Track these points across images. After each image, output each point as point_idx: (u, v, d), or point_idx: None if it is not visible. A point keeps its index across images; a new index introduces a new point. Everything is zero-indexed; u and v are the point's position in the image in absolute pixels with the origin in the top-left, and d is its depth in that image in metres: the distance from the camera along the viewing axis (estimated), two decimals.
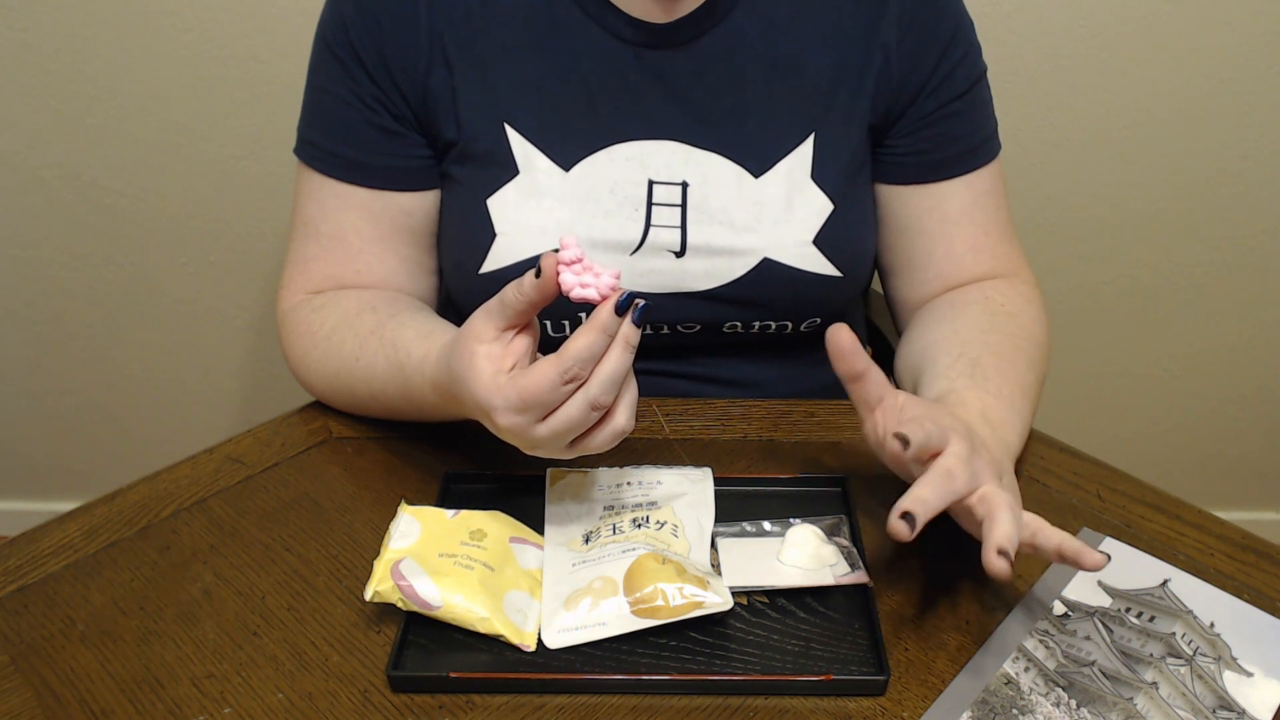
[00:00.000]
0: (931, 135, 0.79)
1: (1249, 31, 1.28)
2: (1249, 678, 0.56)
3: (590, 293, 0.54)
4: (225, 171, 1.39)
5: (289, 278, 0.81)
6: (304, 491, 0.70)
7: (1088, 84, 1.32)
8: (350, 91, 0.76)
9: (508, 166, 0.75)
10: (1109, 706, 0.54)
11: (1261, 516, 1.71)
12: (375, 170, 0.77)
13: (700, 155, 0.76)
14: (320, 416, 0.78)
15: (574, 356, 0.53)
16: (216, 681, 0.56)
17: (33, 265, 1.47)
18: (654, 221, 0.76)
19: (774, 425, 0.78)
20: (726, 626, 0.59)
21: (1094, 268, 1.47)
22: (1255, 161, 1.37)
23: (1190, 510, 0.69)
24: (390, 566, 0.57)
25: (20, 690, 0.55)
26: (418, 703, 0.54)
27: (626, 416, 0.57)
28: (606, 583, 0.59)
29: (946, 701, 0.54)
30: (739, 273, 0.77)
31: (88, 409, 1.61)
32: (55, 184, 1.40)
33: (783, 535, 0.63)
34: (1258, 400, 1.59)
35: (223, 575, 0.63)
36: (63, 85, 1.32)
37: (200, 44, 1.30)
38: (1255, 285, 1.48)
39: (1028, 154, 1.37)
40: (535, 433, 0.55)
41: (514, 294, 0.55)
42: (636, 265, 0.76)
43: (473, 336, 0.57)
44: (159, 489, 0.70)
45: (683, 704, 0.55)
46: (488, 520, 0.63)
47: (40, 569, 0.64)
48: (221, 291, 1.50)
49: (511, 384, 0.54)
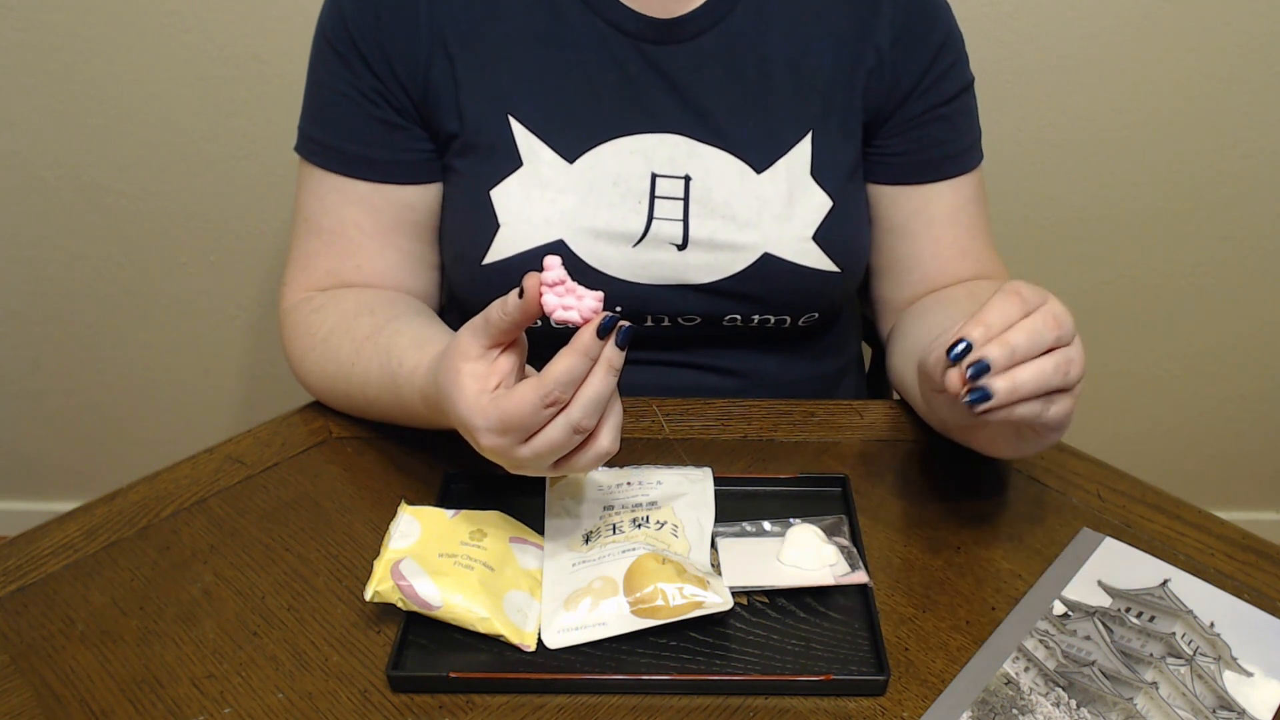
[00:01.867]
0: (918, 137, 0.81)
1: (1249, 31, 1.28)
2: (1249, 678, 0.56)
3: (572, 315, 0.54)
4: (225, 171, 1.39)
5: (290, 275, 0.81)
6: (304, 491, 0.70)
7: (1087, 84, 1.32)
8: (351, 86, 0.76)
9: (511, 158, 0.76)
10: (1109, 706, 0.54)
11: (1261, 516, 1.71)
12: (376, 164, 0.77)
13: (703, 150, 0.77)
14: (320, 416, 0.78)
15: (555, 380, 0.53)
16: (216, 681, 0.56)
17: (33, 265, 1.47)
18: (657, 214, 0.76)
19: (774, 425, 0.78)
20: (726, 626, 0.59)
21: (1094, 268, 1.47)
22: (1255, 161, 1.37)
23: (1190, 510, 0.69)
24: (390, 566, 0.57)
25: (20, 690, 0.55)
26: (418, 703, 0.54)
27: (610, 439, 0.57)
28: (606, 583, 0.59)
29: (946, 701, 0.54)
30: (739, 267, 0.77)
31: (88, 409, 1.61)
32: (55, 184, 1.40)
33: (783, 535, 0.63)
34: (1258, 400, 1.59)
35: (223, 575, 0.63)
36: (63, 85, 1.32)
37: (200, 44, 1.30)
38: (1255, 285, 1.48)
39: (1028, 154, 1.37)
40: (517, 454, 0.55)
41: (498, 313, 0.54)
42: (639, 257, 0.77)
43: (459, 354, 0.57)
44: (159, 489, 0.70)
45: (683, 704, 0.55)
46: (488, 520, 0.63)
47: (40, 569, 0.64)
48: (221, 291, 1.50)
49: (494, 405, 0.54)
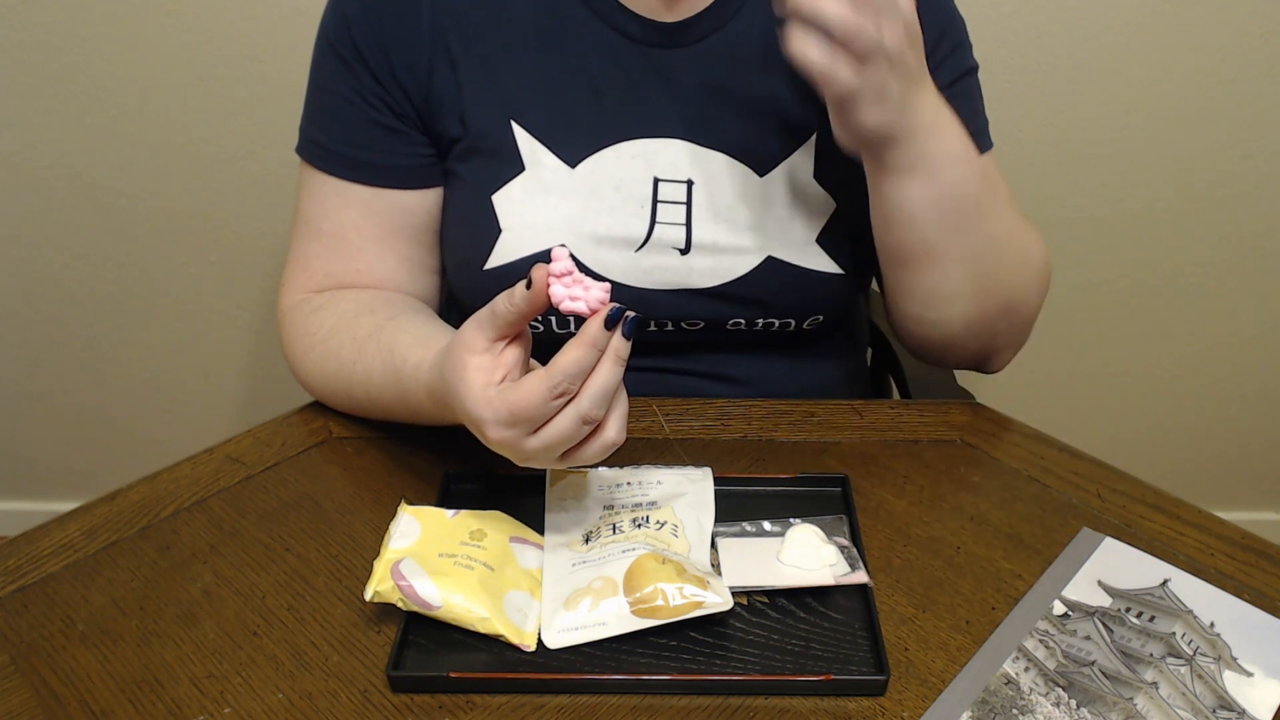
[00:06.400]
0: None
1: (1249, 31, 1.28)
2: (1249, 678, 0.56)
3: (580, 305, 0.54)
4: (225, 171, 1.39)
5: (289, 276, 0.81)
6: (304, 491, 0.70)
7: (1088, 84, 1.32)
8: (353, 89, 0.76)
9: (513, 163, 0.76)
10: (1109, 706, 0.54)
11: (1261, 516, 1.71)
12: (377, 168, 0.77)
13: (705, 153, 0.77)
14: (320, 416, 0.78)
15: (563, 371, 0.53)
16: (216, 681, 0.56)
17: (33, 265, 1.47)
18: (659, 219, 0.76)
19: (774, 425, 0.78)
20: (726, 626, 0.59)
21: (1094, 268, 1.47)
22: (1255, 161, 1.37)
23: (1190, 510, 0.69)
24: (390, 566, 0.57)
25: (20, 690, 0.55)
26: (418, 703, 0.54)
27: (617, 429, 0.57)
28: (606, 583, 0.59)
29: (946, 701, 0.54)
30: (743, 270, 0.77)
31: (88, 409, 1.61)
32: (55, 184, 1.40)
33: (783, 535, 0.63)
34: (1258, 400, 1.59)
35: (223, 575, 0.63)
36: (63, 85, 1.32)
37: (200, 44, 1.30)
38: (1255, 285, 1.48)
39: (1028, 154, 1.37)
40: (525, 446, 0.55)
41: (505, 304, 0.55)
42: (641, 262, 0.77)
43: (464, 347, 0.57)
44: (159, 489, 0.70)
45: (683, 704, 0.55)
46: (488, 520, 0.63)
47: (40, 569, 0.64)
48: (221, 291, 1.50)
49: (501, 398, 0.54)
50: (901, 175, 0.68)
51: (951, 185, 0.68)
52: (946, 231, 0.70)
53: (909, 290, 0.76)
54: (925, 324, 0.78)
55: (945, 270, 0.72)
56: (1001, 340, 0.80)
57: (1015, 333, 0.80)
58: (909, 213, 0.70)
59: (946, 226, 0.70)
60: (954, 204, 0.69)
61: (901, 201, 0.69)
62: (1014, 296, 0.76)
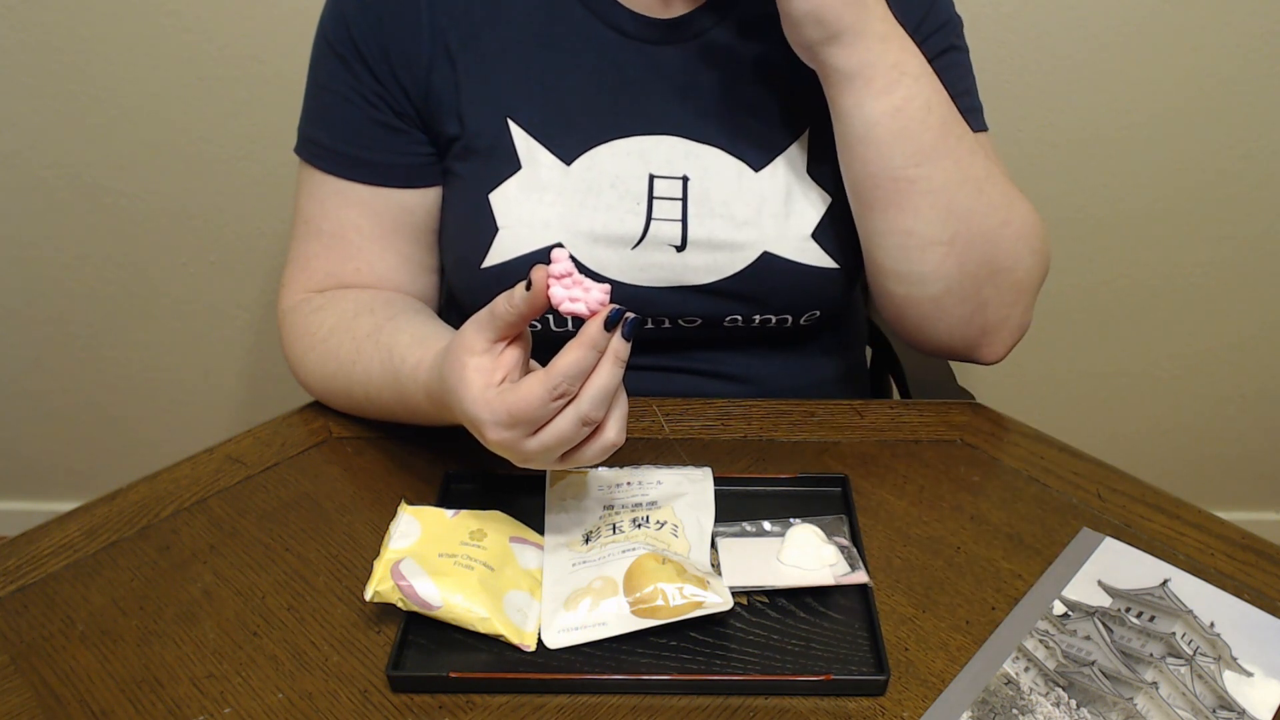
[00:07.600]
0: None
1: (1249, 31, 1.28)
2: (1249, 678, 0.56)
3: (579, 306, 0.54)
4: (225, 171, 1.39)
5: (289, 276, 0.81)
6: (304, 491, 0.70)
7: (1088, 84, 1.32)
8: (352, 89, 0.76)
9: (510, 161, 0.76)
10: (1109, 706, 0.54)
11: (1261, 516, 1.71)
12: (377, 167, 0.77)
13: (701, 149, 0.77)
14: (320, 416, 0.78)
15: (562, 372, 0.53)
16: (216, 681, 0.56)
17: (33, 265, 1.47)
18: (655, 215, 0.76)
19: (774, 425, 0.78)
20: (726, 626, 0.59)
21: (1094, 268, 1.47)
22: (1255, 161, 1.37)
23: (1190, 510, 0.69)
24: (390, 566, 0.57)
25: (20, 690, 0.55)
26: (418, 703, 0.54)
27: (617, 430, 0.57)
28: (606, 583, 0.59)
29: (946, 701, 0.54)
30: (739, 266, 0.77)
31: (88, 409, 1.61)
32: (55, 184, 1.40)
33: (783, 535, 0.63)
34: (1258, 400, 1.59)
35: (223, 575, 0.63)
36: (63, 85, 1.32)
37: (200, 44, 1.30)
38: (1255, 285, 1.48)
39: (1028, 154, 1.37)
40: (525, 447, 0.55)
41: (504, 305, 0.54)
42: (638, 259, 0.77)
43: (464, 348, 0.57)
44: (159, 489, 0.70)
45: (683, 704, 0.55)
46: (488, 520, 0.63)
47: (40, 569, 0.64)
48: (221, 291, 1.50)
49: (500, 399, 0.54)
50: (854, 85, 0.67)
51: (908, 100, 0.68)
52: (910, 156, 0.69)
53: (881, 237, 0.73)
54: (904, 282, 0.75)
55: (915, 207, 0.71)
56: (992, 312, 0.76)
57: (1007, 304, 0.76)
58: (866, 132, 0.69)
59: (910, 151, 0.69)
60: (916, 122, 0.68)
61: (860, 120, 0.69)
62: (998, 256, 0.73)
